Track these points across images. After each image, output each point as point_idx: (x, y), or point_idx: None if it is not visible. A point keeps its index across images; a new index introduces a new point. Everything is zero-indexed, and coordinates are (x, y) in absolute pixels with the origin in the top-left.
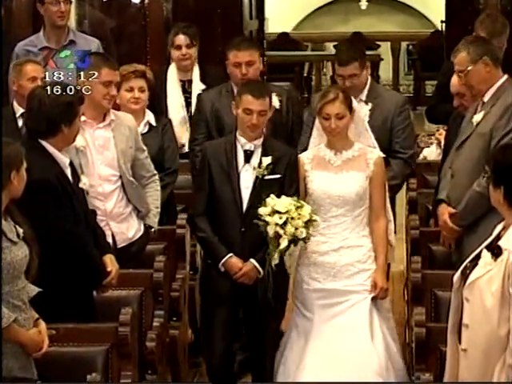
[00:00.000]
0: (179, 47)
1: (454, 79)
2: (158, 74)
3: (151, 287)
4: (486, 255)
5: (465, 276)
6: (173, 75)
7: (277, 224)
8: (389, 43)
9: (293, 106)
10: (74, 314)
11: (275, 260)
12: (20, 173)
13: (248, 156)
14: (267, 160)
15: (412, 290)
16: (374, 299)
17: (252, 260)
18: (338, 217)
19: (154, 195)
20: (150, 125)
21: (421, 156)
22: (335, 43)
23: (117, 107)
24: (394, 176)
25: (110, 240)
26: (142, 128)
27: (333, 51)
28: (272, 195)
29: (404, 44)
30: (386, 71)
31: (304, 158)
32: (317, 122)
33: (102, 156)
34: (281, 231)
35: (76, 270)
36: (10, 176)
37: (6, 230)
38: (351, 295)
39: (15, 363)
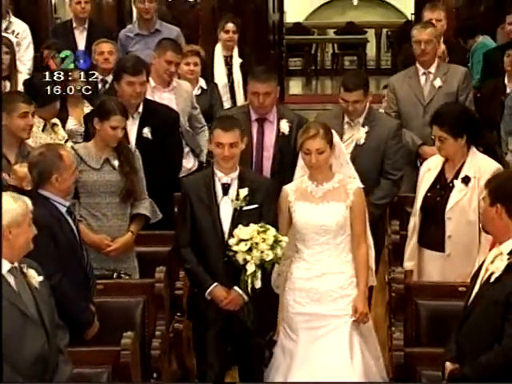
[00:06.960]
0: (228, 32)
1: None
2: (207, 51)
3: (175, 246)
4: (458, 184)
5: (427, 203)
6: (218, 52)
7: (243, 251)
8: (373, 30)
9: None
10: None
11: (255, 284)
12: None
13: (226, 189)
14: (244, 192)
15: (390, 209)
16: (354, 322)
17: (236, 288)
18: (320, 245)
19: (203, 140)
20: (202, 88)
21: None
22: (334, 30)
23: (178, 76)
24: (384, 196)
25: None
26: (197, 91)
27: (332, 36)
28: (240, 225)
29: (384, 30)
30: (371, 50)
31: (288, 189)
32: (300, 155)
33: None
34: (248, 257)
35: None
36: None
37: (88, 158)
38: (333, 319)
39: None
